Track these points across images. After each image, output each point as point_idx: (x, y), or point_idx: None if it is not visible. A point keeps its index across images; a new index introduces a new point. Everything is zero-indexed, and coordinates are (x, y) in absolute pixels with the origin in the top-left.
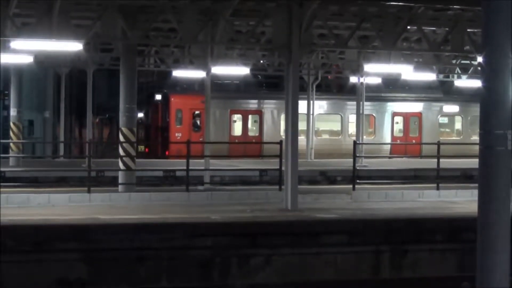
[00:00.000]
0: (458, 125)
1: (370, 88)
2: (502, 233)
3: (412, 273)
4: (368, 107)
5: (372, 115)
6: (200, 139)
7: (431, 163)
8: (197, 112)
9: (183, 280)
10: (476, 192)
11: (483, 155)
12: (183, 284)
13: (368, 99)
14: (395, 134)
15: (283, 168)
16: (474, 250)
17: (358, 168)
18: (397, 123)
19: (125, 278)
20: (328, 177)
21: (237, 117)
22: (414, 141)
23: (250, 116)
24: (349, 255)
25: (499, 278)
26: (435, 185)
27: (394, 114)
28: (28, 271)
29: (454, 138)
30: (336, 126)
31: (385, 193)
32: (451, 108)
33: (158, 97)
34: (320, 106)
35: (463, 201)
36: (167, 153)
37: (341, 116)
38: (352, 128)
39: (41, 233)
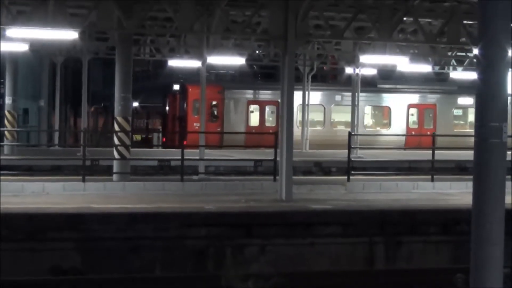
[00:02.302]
0: (472, 118)
1: (386, 80)
2: (496, 225)
3: (406, 265)
4: (383, 98)
5: (388, 107)
6: (218, 129)
7: (428, 155)
8: (214, 102)
9: (177, 269)
10: (470, 184)
11: (478, 148)
12: (177, 274)
13: (384, 90)
14: (410, 125)
15: (278, 159)
16: (468, 242)
17: (353, 159)
18: (412, 114)
19: (119, 267)
20: (323, 168)
21: (254, 108)
22: (428, 132)
23: (267, 107)
24: (343, 246)
25: (493, 270)
26: (429, 176)
27: (410, 106)
28: (21, 260)
29: (468, 130)
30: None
31: (379, 184)
32: (466, 100)
33: (176, 87)
34: (336, 97)
35: (457, 193)
36: (185, 142)
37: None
38: (367, 120)
39: (35, 221)
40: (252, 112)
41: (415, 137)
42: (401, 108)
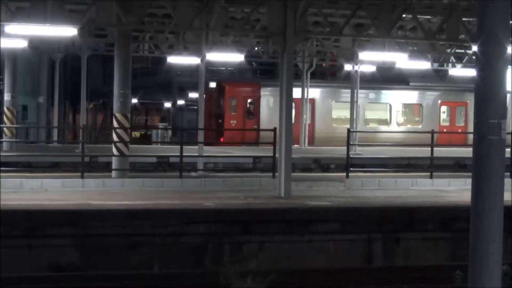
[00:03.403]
0: None
1: (418, 78)
2: (494, 222)
3: (405, 262)
4: (415, 96)
5: (419, 104)
6: (254, 126)
7: (427, 151)
8: (250, 100)
9: (176, 266)
10: (469, 181)
11: (477, 144)
12: (175, 271)
13: (416, 88)
14: (441, 123)
15: (276, 156)
16: (467, 239)
17: (352, 156)
18: (443, 112)
19: (117, 264)
20: (322, 165)
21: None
22: (459, 130)
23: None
24: (341, 243)
25: (492, 266)
26: (428, 173)
27: (441, 104)
28: (20, 256)
29: None
30: (384, 115)
31: (378, 181)
32: None
33: (212, 85)
34: (369, 95)
35: (456, 190)
36: (221, 139)
37: (389, 105)
38: (399, 117)
39: (33, 218)
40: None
41: (445, 134)
42: (433, 105)
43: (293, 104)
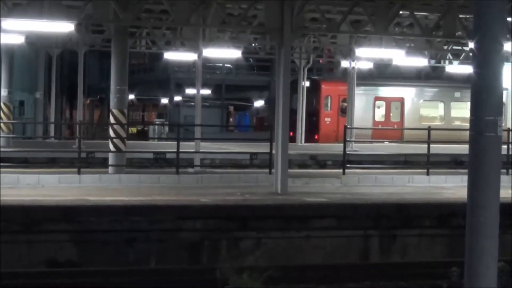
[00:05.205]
0: None
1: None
2: (491, 219)
3: (401, 258)
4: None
5: (443, 102)
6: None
7: (423, 148)
8: (344, 98)
9: (172, 262)
10: (465, 177)
11: (473, 141)
12: (172, 266)
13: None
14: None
15: (273, 152)
16: (463, 235)
17: (348, 152)
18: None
19: (114, 259)
20: (319, 161)
21: (379, 104)
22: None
23: (392, 103)
24: (338, 239)
25: (488, 263)
26: (425, 170)
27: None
28: (17, 252)
29: None
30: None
31: (375, 177)
32: None
33: (306, 83)
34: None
35: (452, 186)
36: (316, 137)
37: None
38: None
39: (30, 214)
40: (378, 107)
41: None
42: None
43: (383, 103)
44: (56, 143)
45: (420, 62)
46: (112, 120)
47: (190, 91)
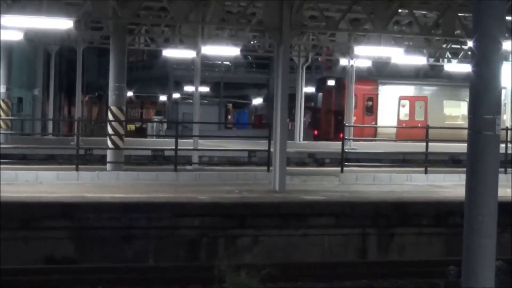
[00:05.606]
0: None
1: None
2: (489, 218)
3: (399, 256)
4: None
5: (465, 101)
6: (372, 123)
7: (421, 147)
8: (369, 97)
9: (170, 259)
10: (463, 176)
11: (471, 140)
12: (169, 264)
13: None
14: None
15: (271, 150)
16: (461, 234)
17: (346, 150)
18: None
19: (112, 256)
20: (317, 159)
21: (404, 103)
22: None
23: (416, 102)
24: (336, 237)
25: (486, 262)
26: (423, 168)
27: None
28: (15, 248)
29: None
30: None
31: (373, 176)
32: None
33: (331, 82)
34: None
35: (450, 185)
36: (341, 135)
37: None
38: None
39: (28, 210)
40: (403, 106)
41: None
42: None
43: (407, 102)
44: (54, 140)
45: (419, 60)
46: (110, 117)
47: (188, 88)
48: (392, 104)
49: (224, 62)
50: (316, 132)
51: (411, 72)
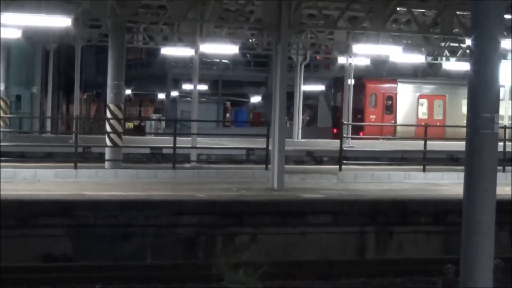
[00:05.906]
0: None
1: None
2: (487, 216)
3: (397, 255)
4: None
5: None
6: (392, 122)
7: (419, 145)
8: (388, 96)
9: (168, 257)
10: (462, 174)
11: (470, 138)
12: (167, 262)
13: None
14: None
15: (270, 148)
16: (459, 232)
17: (345, 149)
18: None
19: (110, 254)
20: (315, 157)
21: (423, 102)
22: None
23: (435, 101)
24: (334, 236)
25: (484, 261)
26: (421, 167)
27: None
28: (13, 246)
29: None
30: None
31: (371, 174)
32: None
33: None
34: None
35: (449, 183)
36: (361, 133)
37: None
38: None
39: (26, 208)
40: (422, 105)
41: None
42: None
43: (425, 101)
44: (52, 138)
45: (417, 59)
46: (108, 115)
47: (187, 86)
48: (411, 103)
49: (223, 60)
50: (335, 130)
51: (430, 71)
